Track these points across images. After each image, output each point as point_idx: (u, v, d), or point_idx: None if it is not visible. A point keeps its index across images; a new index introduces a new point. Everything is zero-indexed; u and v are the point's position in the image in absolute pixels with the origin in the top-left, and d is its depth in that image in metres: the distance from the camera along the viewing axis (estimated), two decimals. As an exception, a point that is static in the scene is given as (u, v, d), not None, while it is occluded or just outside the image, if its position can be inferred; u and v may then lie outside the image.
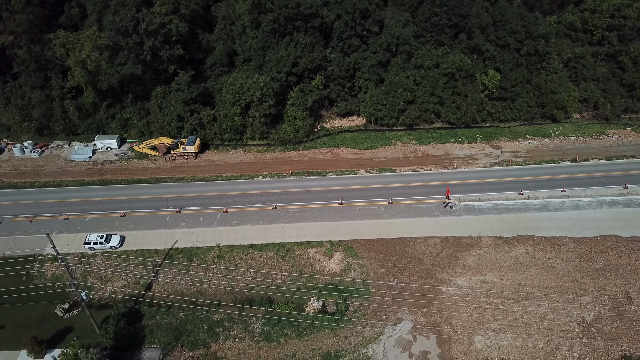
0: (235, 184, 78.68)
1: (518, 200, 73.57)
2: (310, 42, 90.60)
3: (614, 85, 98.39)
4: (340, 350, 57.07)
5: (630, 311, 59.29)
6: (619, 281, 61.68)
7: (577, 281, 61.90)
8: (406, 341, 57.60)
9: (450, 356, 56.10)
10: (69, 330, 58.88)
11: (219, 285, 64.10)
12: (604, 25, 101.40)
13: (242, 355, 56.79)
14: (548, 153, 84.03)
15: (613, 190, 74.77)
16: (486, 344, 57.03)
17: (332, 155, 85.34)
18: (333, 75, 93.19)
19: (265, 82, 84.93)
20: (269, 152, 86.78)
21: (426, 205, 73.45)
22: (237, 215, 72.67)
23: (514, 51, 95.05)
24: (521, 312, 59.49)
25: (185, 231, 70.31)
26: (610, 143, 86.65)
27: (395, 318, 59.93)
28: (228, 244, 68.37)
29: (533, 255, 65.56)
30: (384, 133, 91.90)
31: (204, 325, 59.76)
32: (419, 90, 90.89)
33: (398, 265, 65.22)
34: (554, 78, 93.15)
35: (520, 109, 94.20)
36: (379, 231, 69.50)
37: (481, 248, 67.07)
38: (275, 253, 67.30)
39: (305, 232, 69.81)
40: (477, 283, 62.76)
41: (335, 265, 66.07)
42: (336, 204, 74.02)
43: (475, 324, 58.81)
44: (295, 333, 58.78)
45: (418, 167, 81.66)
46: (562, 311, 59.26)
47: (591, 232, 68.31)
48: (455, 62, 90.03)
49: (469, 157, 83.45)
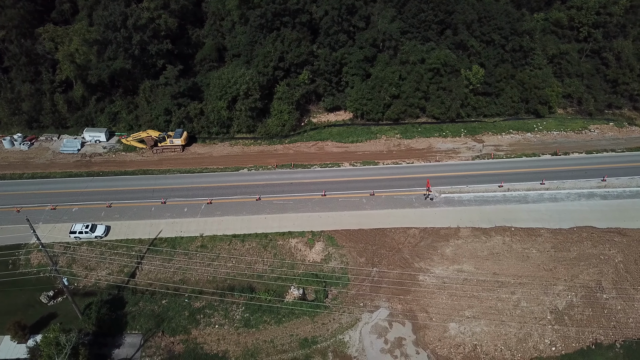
0: (221, 176, 79.92)
1: (498, 193, 74.85)
2: (297, 37, 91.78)
3: (597, 81, 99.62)
4: (318, 336, 58.36)
5: (601, 299, 60.61)
6: (592, 270, 62.98)
7: (551, 270, 63.21)
8: (382, 328, 58.89)
9: (424, 342, 57.38)
10: (53, 316, 60.16)
11: (202, 273, 65.39)
12: (589, 22, 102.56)
13: (221, 341, 58.07)
14: (530, 147, 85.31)
15: (591, 183, 76.05)
16: (460, 330, 58.32)
17: (317, 149, 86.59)
18: (320, 70, 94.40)
19: (251, 76, 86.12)
20: (255, 146, 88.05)
21: (407, 197, 74.72)
22: (221, 206, 73.92)
23: (499, 47, 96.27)
24: (495, 299, 60.80)
25: (170, 221, 71.55)
26: (592, 137, 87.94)
27: (372, 305, 61.22)
28: (211, 234, 69.63)
29: (510, 245, 66.84)
30: (370, 127, 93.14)
31: (185, 312, 61.07)
32: (404, 85, 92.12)
33: (377, 255, 66.51)
34: (538, 74, 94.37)
35: (505, 104, 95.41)
36: (359, 222, 70.75)
37: (459, 238, 68.32)
38: (258, 243, 68.55)
39: (287, 222, 71.07)
40: (453, 272, 64.05)
41: (316, 255, 67.33)
42: (319, 195, 75.28)
43: (450, 311, 60.09)
44: (275, 320, 60.07)
45: (401, 160, 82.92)
46: (535, 299, 60.58)
47: (568, 224, 69.57)
48: (440, 58, 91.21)
49: (451, 151, 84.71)
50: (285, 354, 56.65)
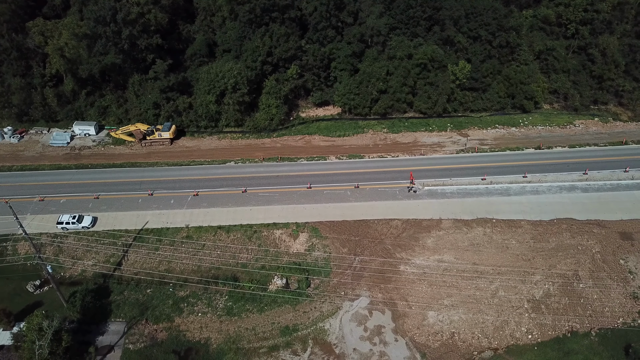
0: (208, 169, 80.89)
1: (480, 185, 75.89)
2: (285, 33, 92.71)
3: (584, 77, 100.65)
4: (299, 324, 59.38)
5: (578, 289, 61.70)
6: (569, 260, 64.07)
7: (529, 260, 64.29)
8: (362, 316, 59.92)
9: (403, 330, 58.42)
10: (39, 304, 61.03)
11: (186, 263, 66.37)
12: (577, 19, 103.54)
13: (203, 328, 59.07)
14: (514, 141, 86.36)
15: (573, 176, 77.12)
16: (438, 318, 59.37)
17: (304, 143, 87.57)
18: (308, 65, 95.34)
19: (239, 70, 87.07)
20: (243, 139, 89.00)
21: (391, 190, 75.73)
22: (207, 198, 74.88)
23: (486, 43, 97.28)
24: (474, 289, 61.85)
25: (156, 213, 72.50)
26: (575, 132, 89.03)
27: (353, 294, 62.25)
28: (197, 225, 70.60)
29: (490, 236, 67.89)
30: (358, 122, 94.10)
31: (170, 301, 62.07)
32: (392, 80, 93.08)
33: (360, 245, 67.53)
34: (524, 69, 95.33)
35: (491, 99, 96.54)
36: (343, 213, 71.76)
37: (441, 230, 69.36)
38: (242, 234, 69.52)
39: (272, 214, 72.06)
40: (434, 262, 65.09)
41: (299, 245, 68.32)
42: (304, 188, 76.25)
43: (430, 300, 61.15)
44: (257, 308, 61.09)
45: (386, 153, 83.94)
46: (513, 288, 61.65)
47: (548, 215, 70.64)
48: (427, 53, 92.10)
49: (436, 145, 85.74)
50: (266, 341, 57.66)
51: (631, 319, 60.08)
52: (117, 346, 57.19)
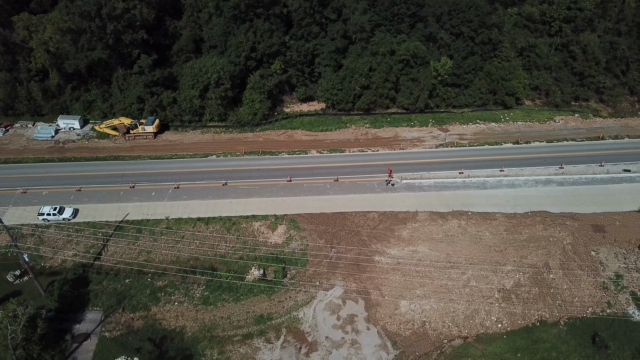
0: (189, 162, 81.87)
1: (458, 179, 77.02)
2: (269, 28, 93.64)
3: (565, 73, 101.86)
4: (273, 313, 60.43)
5: (548, 279, 62.86)
6: (540, 252, 65.23)
7: (501, 251, 65.43)
8: (336, 305, 60.98)
9: (375, 319, 59.49)
10: (18, 294, 61.71)
11: (165, 254, 67.33)
12: (560, 16, 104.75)
13: (179, 317, 60.06)
14: (493, 136, 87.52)
15: (549, 170, 78.31)
16: (410, 307, 60.46)
17: (286, 137, 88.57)
18: (292, 61, 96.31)
19: (222, 65, 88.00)
20: (226, 133, 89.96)
21: (369, 183, 76.80)
22: (188, 190, 75.84)
23: (469, 39, 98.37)
24: (446, 279, 62.95)
25: (137, 205, 73.42)
26: (554, 127, 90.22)
27: (328, 284, 63.31)
28: (177, 217, 71.58)
29: (464, 228, 69.01)
30: (341, 117, 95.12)
31: (147, 291, 63.06)
32: (374, 76, 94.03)
33: (336, 237, 68.59)
34: (505, 66, 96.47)
35: (473, 95, 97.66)
36: (322, 206, 72.81)
37: (417, 222, 70.46)
38: (222, 226, 70.50)
39: (252, 206, 73.07)
40: (408, 253, 66.19)
41: (278, 237, 69.35)
42: (284, 181, 77.27)
43: (402, 290, 62.24)
44: (233, 298, 62.11)
45: (367, 148, 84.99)
46: (484, 278, 62.80)
47: (523, 208, 71.81)
48: (409, 49, 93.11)
49: (416, 139, 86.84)
50: (240, 329, 58.68)
51: (600, 309, 61.30)
52: (93, 334, 58.15)
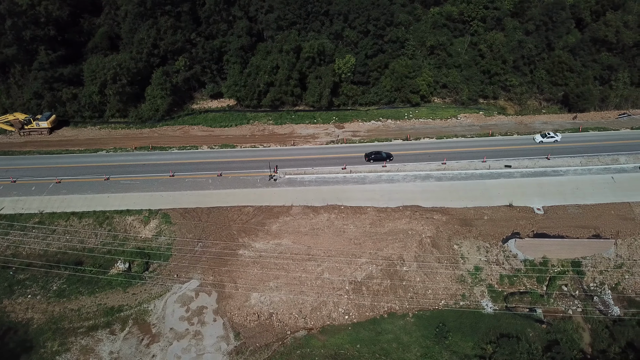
0: (78, 157, 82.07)
1: (339, 174, 77.65)
2: (172, 25, 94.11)
3: (475, 72, 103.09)
4: (124, 305, 60.74)
5: (401, 271, 63.57)
6: (397, 245, 65.91)
7: (359, 244, 66.07)
8: (188, 297, 61.39)
9: (224, 311, 59.94)
10: None
11: (33, 248, 67.44)
12: (478, 16, 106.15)
13: (29, 309, 60.21)
14: (386, 132, 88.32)
15: (431, 165, 79.11)
16: (260, 299, 60.97)
17: (182, 133, 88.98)
18: (198, 58, 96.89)
19: (120, 61, 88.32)
20: (124, 129, 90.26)
21: (252, 178, 77.27)
22: (69, 185, 75.96)
23: (376, 37, 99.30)
24: (301, 271, 63.50)
25: (14, 199, 73.46)
26: (449, 124, 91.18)
27: (185, 277, 63.70)
28: (51, 211, 71.67)
29: (332, 221, 69.60)
30: (246, 114, 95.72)
31: (5, 284, 63.08)
32: (278, 73, 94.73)
33: (206, 231, 68.95)
34: (409, 63, 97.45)
35: (379, 93, 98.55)
36: (198, 201, 73.17)
37: (289, 216, 70.97)
38: (95, 220, 70.70)
39: (129, 201, 73.30)
40: (272, 246, 66.68)
41: (148, 231, 69.64)
42: (167, 176, 77.59)
43: (257, 282, 62.74)
44: (89, 291, 62.37)
45: (259, 144, 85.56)
46: (338, 270, 63.41)
47: (396, 203, 72.50)
48: (314, 47, 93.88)
49: (310, 136, 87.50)
50: (87, 321, 58.95)
51: (453, 301, 62.16)
52: (-62, 326, 58.16)
